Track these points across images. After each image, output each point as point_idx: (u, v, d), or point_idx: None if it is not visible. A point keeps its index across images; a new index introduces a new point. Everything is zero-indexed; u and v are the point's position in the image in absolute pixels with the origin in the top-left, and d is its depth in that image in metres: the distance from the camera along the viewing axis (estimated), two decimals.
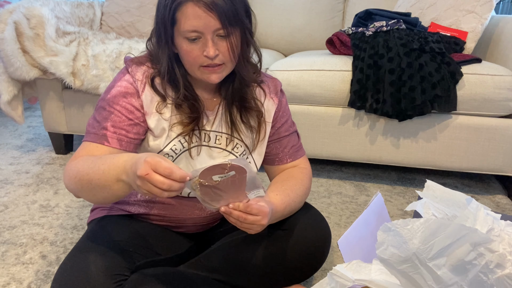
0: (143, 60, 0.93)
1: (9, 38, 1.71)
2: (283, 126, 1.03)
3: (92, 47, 1.76)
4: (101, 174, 0.76)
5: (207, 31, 0.82)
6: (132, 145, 0.90)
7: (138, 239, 0.92)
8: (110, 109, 0.88)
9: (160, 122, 0.91)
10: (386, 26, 1.65)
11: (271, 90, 1.02)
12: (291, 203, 0.93)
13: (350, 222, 1.45)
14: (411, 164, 1.67)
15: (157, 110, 0.90)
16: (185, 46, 0.84)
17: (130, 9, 2.19)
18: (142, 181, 0.68)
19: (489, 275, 0.64)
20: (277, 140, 1.03)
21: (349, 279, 0.68)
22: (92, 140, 0.87)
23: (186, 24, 0.81)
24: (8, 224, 1.40)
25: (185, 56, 0.86)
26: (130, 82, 0.90)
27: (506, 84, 1.49)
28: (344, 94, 1.61)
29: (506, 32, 1.67)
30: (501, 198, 1.66)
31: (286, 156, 1.04)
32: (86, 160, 0.82)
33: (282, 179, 0.99)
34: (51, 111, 1.96)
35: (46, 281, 1.12)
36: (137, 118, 0.89)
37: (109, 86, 0.92)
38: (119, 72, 0.94)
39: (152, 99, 0.90)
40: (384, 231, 0.69)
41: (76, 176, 0.80)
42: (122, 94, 0.89)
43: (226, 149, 0.97)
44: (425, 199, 0.85)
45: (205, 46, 0.83)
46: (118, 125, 0.88)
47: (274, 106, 1.01)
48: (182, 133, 0.92)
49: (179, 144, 0.92)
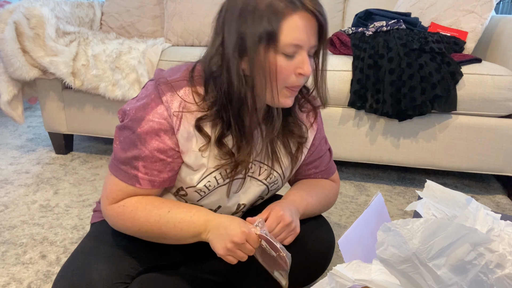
0: (180, 84, 0.80)
1: (9, 38, 1.71)
2: (318, 148, 0.97)
3: (92, 47, 1.76)
4: (178, 231, 0.80)
5: (306, 47, 0.73)
6: (167, 182, 0.83)
7: (139, 244, 0.90)
8: (142, 148, 0.79)
9: (198, 158, 0.82)
10: (386, 26, 1.65)
11: (310, 116, 0.93)
12: (313, 204, 0.93)
13: (350, 222, 1.44)
14: (411, 164, 1.67)
15: (200, 149, 0.81)
16: (280, 62, 0.73)
17: (130, 9, 2.19)
18: (233, 246, 0.76)
19: (489, 275, 0.64)
20: (311, 162, 0.98)
21: (349, 279, 0.68)
22: (123, 180, 0.81)
23: (290, 38, 0.71)
24: (8, 224, 1.40)
25: (279, 74, 0.74)
26: (164, 117, 0.78)
27: (506, 84, 1.49)
28: (344, 94, 1.61)
29: (506, 32, 1.67)
30: (501, 198, 1.66)
31: (318, 176, 1.00)
32: (145, 211, 0.80)
33: (306, 182, 0.99)
34: (51, 111, 1.96)
35: (46, 281, 1.12)
36: (171, 157, 0.80)
37: (138, 110, 0.79)
38: (151, 94, 0.79)
39: (189, 136, 0.80)
40: (384, 231, 0.69)
41: (141, 228, 0.81)
42: (155, 132, 0.78)
43: (261, 180, 0.91)
44: (425, 199, 0.85)
45: (301, 63, 0.74)
46: (150, 166, 0.80)
47: (313, 132, 0.94)
48: (220, 166, 0.83)
49: (213, 180, 0.85)
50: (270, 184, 0.93)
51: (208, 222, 0.79)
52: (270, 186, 0.93)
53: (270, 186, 0.93)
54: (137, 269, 0.85)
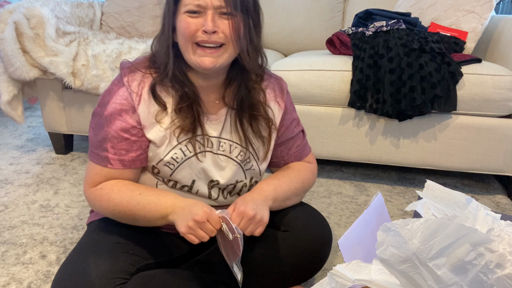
0: (140, 65, 0.90)
1: (9, 38, 1.71)
2: (289, 128, 1.01)
3: (92, 47, 1.76)
4: (147, 212, 0.86)
5: (210, 6, 0.80)
6: (137, 162, 0.90)
7: (138, 241, 0.91)
8: (108, 129, 0.87)
9: (160, 131, 0.89)
10: (386, 26, 1.65)
11: (277, 93, 0.99)
12: (282, 185, 0.95)
13: (350, 222, 1.45)
14: (411, 164, 1.67)
15: (157, 119, 0.88)
16: (184, 21, 0.82)
17: (130, 9, 2.19)
18: (195, 224, 0.79)
19: (489, 275, 0.64)
20: (283, 143, 1.02)
21: (349, 279, 0.68)
22: (97, 162, 0.89)
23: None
24: (8, 224, 1.40)
25: (184, 30, 0.82)
26: (125, 98, 0.87)
27: (506, 84, 1.49)
28: (344, 94, 1.61)
29: (506, 32, 1.67)
30: (501, 198, 1.66)
31: (291, 158, 1.03)
32: (120, 193, 0.87)
33: (277, 171, 1.02)
34: (51, 111, 1.96)
35: (46, 281, 1.12)
36: (134, 135, 0.88)
37: (105, 96, 0.90)
38: (115, 80, 0.91)
39: (150, 110, 0.88)
40: (384, 231, 0.69)
41: (115, 209, 0.88)
42: (117, 112, 0.87)
43: (233, 158, 0.95)
44: (425, 199, 0.85)
45: (204, 20, 0.81)
46: (117, 146, 0.88)
47: (281, 110, 0.99)
48: (183, 141, 0.90)
49: (180, 152, 0.90)
50: (243, 162, 0.95)
51: (175, 204, 0.84)
52: (243, 164, 0.96)
53: (243, 165, 0.96)
54: (136, 266, 0.86)
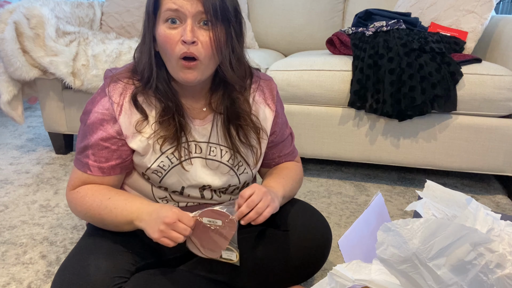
0: (123, 75, 0.89)
1: (9, 38, 1.71)
2: (280, 132, 1.02)
3: (92, 47, 1.76)
4: (113, 217, 0.85)
5: (188, 13, 0.77)
6: (117, 169, 0.90)
7: (137, 240, 0.91)
8: (90, 137, 0.88)
9: (142, 141, 0.88)
10: (386, 26, 1.65)
11: (266, 95, 0.98)
12: (288, 184, 0.97)
13: (350, 222, 1.45)
14: (411, 164, 1.67)
15: (137, 129, 0.87)
16: (163, 33, 0.79)
17: (130, 9, 2.19)
18: (166, 227, 0.78)
19: (489, 275, 0.64)
20: (274, 146, 1.03)
21: (349, 279, 0.68)
22: (78, 167, 0.91)
23: (168, 3, 0.78)
24: (8, 224, 1.40)
25: (164, 44, 0.80)
26: (106, 108, 0.87)
27: (506, 84, 1.49)
28: (344, 94, 1.61)
29: (506, 32, 1.67)
30: (501, 198, 1.66)
31: (282, 159, 1.06)
32: (92, 196, 0.88)
33: (275, 170, 1.04)
34: (51, 111, 1.96)
35: (46, 281, 1.12)
36: (115, 144, 0.88)
37: (88, 104, 0.90)
38: (99, 89, 0.90)
39: (131, 120, 0.87)
40: (384, 231, 0.69)
41: (87, 213, 0.88)
42: (99, 122, 0.87)
43: (224, 162, 0.95)
44: (425, 199, 0.85)
45: (183, 30, 0.78)
46: (98, 154, 0.88)
47: (272, 114, 0.98)
48: (168, 149, 0.89)
49: (166, 160, 0.90)
50: (235, 166, 0.95)
51: (140, 209, 0.84)
52: (236, 169, 0.95)
53: (236, 170, 0.96)
54: (135, 265, 0.86)
